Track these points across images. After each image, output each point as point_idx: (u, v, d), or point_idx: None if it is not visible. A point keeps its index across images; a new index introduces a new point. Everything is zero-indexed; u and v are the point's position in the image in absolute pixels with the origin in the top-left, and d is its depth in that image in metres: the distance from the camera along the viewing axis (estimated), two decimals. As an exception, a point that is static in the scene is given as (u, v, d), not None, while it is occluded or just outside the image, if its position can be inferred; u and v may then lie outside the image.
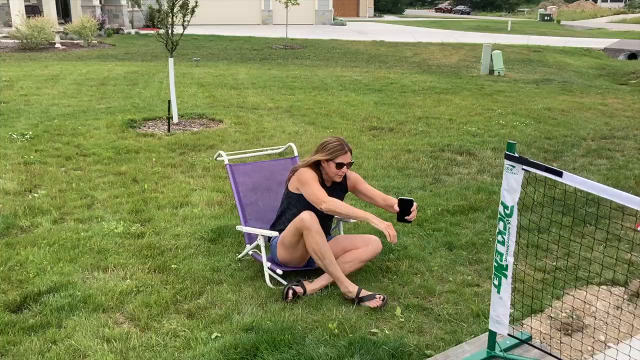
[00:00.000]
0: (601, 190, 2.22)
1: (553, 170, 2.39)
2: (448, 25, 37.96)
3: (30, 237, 4.29)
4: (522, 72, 15.92)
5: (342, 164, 3.64)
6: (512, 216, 2.60)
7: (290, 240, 3.57)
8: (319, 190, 3.55)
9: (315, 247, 3.46)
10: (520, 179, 2.55)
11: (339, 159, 3.63)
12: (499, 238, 2.67)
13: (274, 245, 3.71)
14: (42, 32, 19.03)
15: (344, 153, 3.64)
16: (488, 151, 7.14)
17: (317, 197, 3.52)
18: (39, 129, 7.72)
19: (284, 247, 3.63)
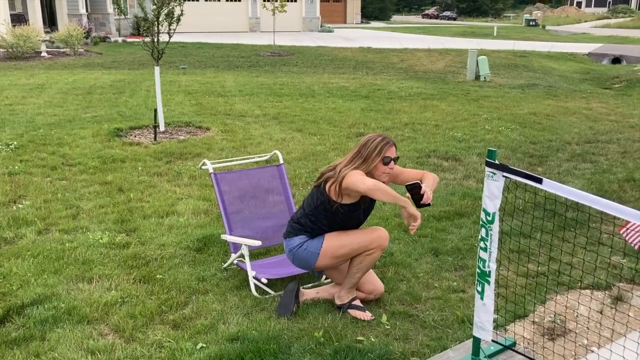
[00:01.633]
0: (580, 196, 2.25)
1: (533, 177, 2.42)
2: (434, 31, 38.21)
3: (14, 249, 4.26)
4: (507, 77, 16.05)
5: (389, 158, 3.26)
6: (493, 223, 2.62)
7: (349, 253, 3.34)
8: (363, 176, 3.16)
9: (369, 265, 3.37)
10: (501, 186, 2.58)
11: (386, 152, 3.24)
12: (482, 245, 2.69)
13: (311, 252, 3.37)
14: (27, 41, 18.91)
15: (390, 146, 3.27)
16: (474, 156, 7.18)
17: (361, 179, 3.12)
18: (24, 139, 7.67)
19: (335, 257, 3.37)
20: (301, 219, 3.43)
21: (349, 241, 3.33)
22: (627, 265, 4.07)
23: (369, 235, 3.34)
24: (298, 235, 3.43)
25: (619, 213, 2.13)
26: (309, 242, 3.39)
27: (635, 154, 7.46)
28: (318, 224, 3.39)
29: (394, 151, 3.30)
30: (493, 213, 2.60)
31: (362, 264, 3.35)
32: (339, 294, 3.45)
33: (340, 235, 3.37)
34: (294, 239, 3.43)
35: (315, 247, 3.37)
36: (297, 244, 3.40)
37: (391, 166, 3.29)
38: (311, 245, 3.37)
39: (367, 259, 3.33)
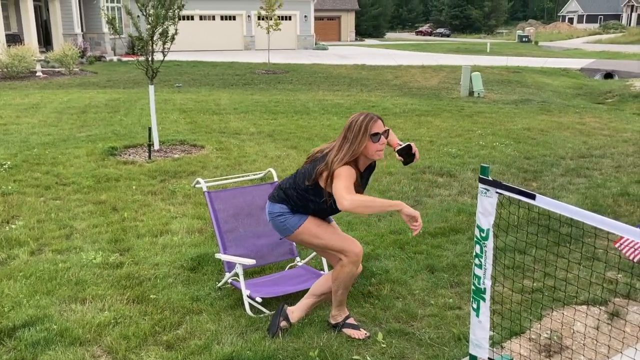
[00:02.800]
0: (574, 212, 2.24)
1: (526, 193, 2.42)
2: (428, 48, 38.51)
3: (7, 270, 4.23)
4: (501, 93, 16.15)
5: (377, 134, 3.10)
6: (488, 239, 2.62)
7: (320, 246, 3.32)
8: (348, 188, 3.02)
9: (347, 281, 3.28)
10: (494, 202, 2.57)
11: (373, 129, 3.10)
12: (476, 261, 2.68)
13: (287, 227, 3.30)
14: (22, 60, 18.97)
15: (375, 121, 3.12)
16: (468, 172, 7.19)
17: (342, 194, 2.97)
18: (18, 159, 7.64)
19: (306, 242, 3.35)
20: (289, 190, 3.31)
21: (326, 237, 3.27)
22: (622, 280, 4.06)
23: (346, 243, 3.26)
24: (280, 203, 3.33)
25: (613, 229, 2.12)
26: (288, 216, 3.30)
27: (629, 168, 7.49)
28: (304, 202, 3.28)
29: (380, 125, 3.14)
30: (487, 229, 2.60)
31: (339, 279, 3.28)
32: (332, 313, 3.42)
33: (320, 226, 3.29)
34: (275, 206, 3.34)
35: (293, 225, 3.29)
36: (277, 212, 3.32)
37: (382, 142, 3.13)
38: (290, 221, 3.29)
39: (342, 274, 3.25)
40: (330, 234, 3.30)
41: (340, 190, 2.99)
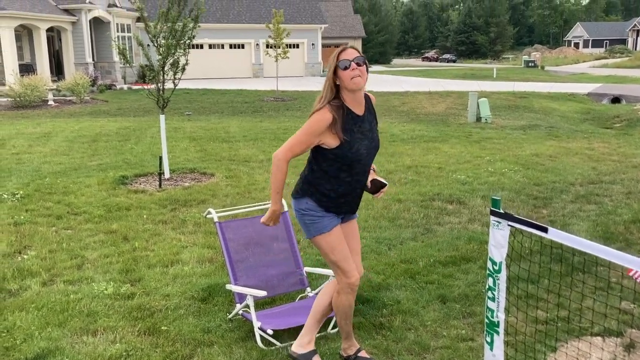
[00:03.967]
0: (587, 246, 2.24)
1: (538, 226, 2.42)
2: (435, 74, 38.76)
3: (19, 301, 4.24)
4: (509, 119, 16.19)
5: (345, 60, 2.95)
6: (500, 272, 2.61)
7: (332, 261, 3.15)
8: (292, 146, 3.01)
9: (346, 311, 3.20)
10: (506, 235, 2.57)
11: (341, 57, 2.97)
12: (489, 294, 2.67)
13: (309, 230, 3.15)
14: (35, 90, 19.26)
15: (344, 50, 3.00)
16: (478, 199, 7.18)
17: (283, 147, 3.01)
18: (30, 188, 7.72)
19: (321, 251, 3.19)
20: (308, 175, 3.16)
21: (339, 256, 3.13)
22: (637, 310, 4.02)
23: (351, 268, 3.15)
24: (304, 197, 3.13)
25: (629, 263, 2.12)
26: (316, 217, 3.11)
27: (639, 194, 7.45)
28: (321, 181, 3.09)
29: (351, 53, 2.99)
30: (500, 262, 2.59)
31: (338, 310, 3.22)
32: (342, 346, 3.40)
33: (341, 242, 3.14)
34: (300, 201, 3.15)
35: (317, 230, 3.13)
36: (304, 208, 3.14)
37: (353, 67, 2.94)
38: (316, 225, 3.12)
39: (339, 303, 3.18)
40: (344, 254, 3.16)
41: (286, 143, 3.01)
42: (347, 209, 3.23)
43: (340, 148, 3.00)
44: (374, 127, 3.18)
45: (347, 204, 3.20)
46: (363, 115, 3.10)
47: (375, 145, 3.16)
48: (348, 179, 3.09)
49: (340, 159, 3.03)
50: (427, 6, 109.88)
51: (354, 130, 3.02)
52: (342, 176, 3.08)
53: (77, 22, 26.67)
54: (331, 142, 3.00)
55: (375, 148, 3.17)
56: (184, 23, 7.92)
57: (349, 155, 3.01)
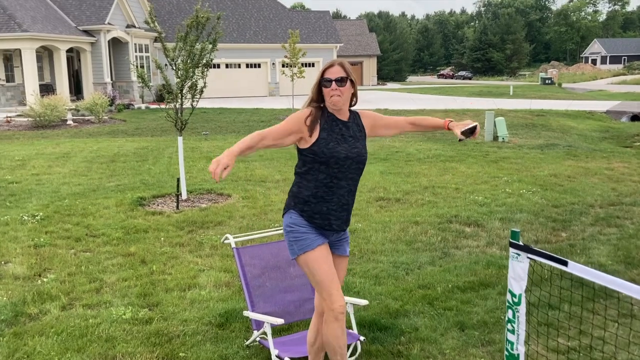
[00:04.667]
0: (608, 281, 2.21)
1: (558, 259, 2.39)
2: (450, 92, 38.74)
3: (38, 326, 4.28)
4: (526, 137, 16.10)
5: (328, 80, 2.98)
6: (520, 304, 2.58)
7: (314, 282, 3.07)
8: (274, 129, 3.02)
9: (332, 342, 3.01)
10: (526, 267, 2.55)
11: (325, 74, 3.01)
12: (509, 327, 2.64)
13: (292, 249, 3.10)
14: (54, 110, 19.58)
15: (330, 67, 3.01)
16: (496, 222, 7.13)
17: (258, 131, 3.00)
18: (49, 210, 7.81)
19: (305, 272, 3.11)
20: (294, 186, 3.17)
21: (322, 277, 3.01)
22: (661, 339, 3.94)
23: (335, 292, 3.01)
24: (289, 210, 3.12)
25: (651, 299, 2.08)
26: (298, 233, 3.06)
27: (661, 216, 7.35)
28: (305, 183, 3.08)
29: (334, 71, 2.99)
30: (519, 295, 2.57)
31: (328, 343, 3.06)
32: None
33: (324, 262, 3.04)
34: (285, 216, 3.16)
35: (300, 249, 3.06)
36: (287, 223, 3.12)
37: (333, 87, 2.97)
38: (298, 243, 3.06)
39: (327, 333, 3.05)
40: (330, 275, 3.03)
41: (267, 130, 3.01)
42: (334, 220, 3.10)
43: (317, 144, 3.02)
44: (358, 137, 3.14)
45: (332, 214, 3.09)
46: (347, 121, 3.12)
47: (357, 153, 3.08)
48: (326, 181, 3.04)
49: (318, 157, 3.02)
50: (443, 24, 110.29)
51: (333, 131, 3.05)
52: (321, 178, 3.05)
53: (96, 43, 27.16)
54: (308, 139, 3.03)
55: (357, 155, 3.08)
56: (202, 46, 8.02)
57: (325, 151, 3.00)
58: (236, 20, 35.66)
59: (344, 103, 3.05)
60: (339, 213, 3.11)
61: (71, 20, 27.28)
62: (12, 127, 19.36)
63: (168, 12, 34.28)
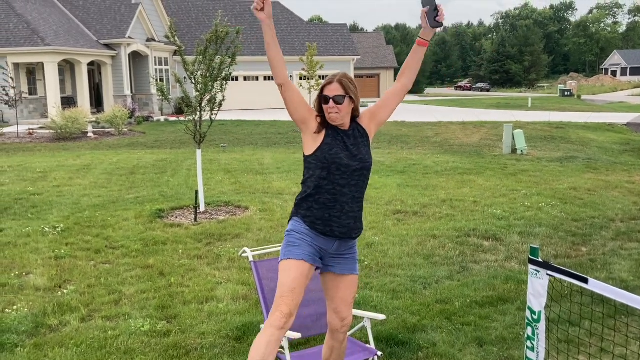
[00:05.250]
0: (630, 299, 2.19)
1: (579, 276, 2.37)
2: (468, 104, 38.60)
3: (58, 337, 4.33)
4: (545, 150, 15.96)
5: (326, 97, 3.02)
6: (539, 321, 2.56)
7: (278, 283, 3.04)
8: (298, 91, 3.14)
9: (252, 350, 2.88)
10: (546, 284, 2.53)
11: (324, 91, 3.05)
12: (528, 344, 2.62)
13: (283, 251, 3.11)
14: (75, 122, 19.89)
15: (329, 84, 3.04)
16: (515, 236, 7.06)
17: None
18: (70, 221, 7.91)
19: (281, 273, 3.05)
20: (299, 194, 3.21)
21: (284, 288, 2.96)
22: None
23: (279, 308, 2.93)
24: (292, 219, 3.17)
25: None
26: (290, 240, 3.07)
27: (684, 231, 7.22)
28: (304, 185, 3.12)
29: (333, 89, 3.01)
30: (539, 312, 2.54)
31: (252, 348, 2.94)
32: None
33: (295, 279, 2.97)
34: (289, 224, 3.17)
35: (283, 254, 3.07)
36: (288, 229, 3.14)
37: (331, 105, 2.99)
38: (284, 249, 3.08)
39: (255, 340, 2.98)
40: (285, 291, 2.96)
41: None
42: (336, 227, 3.06)
43: (321, 149, 3.05)
44: (360, 143, 3.12)
45: (334, 220, 3.05)
46: (348, 130, 3.12)
47: (360, 159, 3.07)
48: (329, 187, 3.04)
49: (320, 163, 3.03)
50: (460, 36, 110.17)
51: (336, 138, 3.07)
52: (323, 184, 3.04)
53: (117, 56, 27.59)
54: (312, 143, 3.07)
55: (360, 162, 3.07)
56: (221, 60, 8.12)
57: (327, 157, 3.02)
58: (254, 34, 36.00)
59: (343, 119, 3.06)
60: (343, 220, 3.08)
61: (92, 34, 27.77)
62: (34, 139, 19.69)
63: (187, 25, 34.73)
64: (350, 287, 3.24)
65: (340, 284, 3.22)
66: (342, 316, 3.25)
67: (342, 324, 3.25)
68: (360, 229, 3.18)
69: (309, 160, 3.10)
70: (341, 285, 3.22)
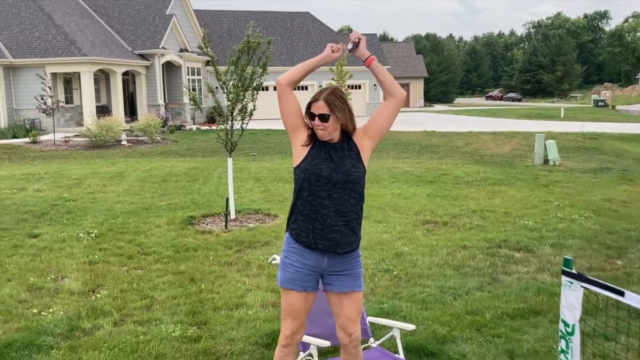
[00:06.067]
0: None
1: (614, 289, 2.33)
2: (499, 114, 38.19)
3: (92, 341, 4.42)
4: (578, 161, 15.69)
5: (312, 114, 3.03)
6: (574, 335, 2.52)
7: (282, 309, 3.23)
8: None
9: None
10: (580, 296, 2.49)
11: (311, 107, 3.06)
12: (562, 357, 2.58)
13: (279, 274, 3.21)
14: (110, 130, 20.32)
15: (314, 101, 3.05)
16: (547, 247, 6.95)
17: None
18: (103, 227, 8.08)
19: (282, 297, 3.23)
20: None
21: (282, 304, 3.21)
22: None
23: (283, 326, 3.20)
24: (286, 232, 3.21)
25: None
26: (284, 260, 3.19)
27: None
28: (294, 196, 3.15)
29: (318, 107, 3.01)
30: (573, 325, 2.51)
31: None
32: None
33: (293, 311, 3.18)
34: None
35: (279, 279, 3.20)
36: (283, 247, 3.22)
37: (316, 122, 3.01)
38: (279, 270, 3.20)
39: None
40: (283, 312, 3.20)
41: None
42: (320, 240, 3.05)
43: (305, 160, 3.07)
44: (347, 156, 3.08)
45: (317, 233, 3.04)
46: (336, 143, 3.10)
47: (343, 172, 3.03)
48: (310, 199, 3.04)
49: (302, 174, 3.06)
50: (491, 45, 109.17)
51: (321, 149, 3.07)
52: (305, 195, 3.06)
53: (151, 66, 28.12)
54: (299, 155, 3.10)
55: (343, 174, 3.03)
56: (253, 70, 8.22)
57: (309, 168, 3.04)
58: (285, 44, 36.29)
59: (331, 134, 3.05)
60: (326, 234, 3.04)
61: (127, 44, 28.38)
62: (70, 146, 20.17)
63: (219, 36, 35.20)
64: (354, 304, 3.20)
65: (342, 302, 3.18)
66: (349, 332, 3.22)
67: (350, 339, 3.24)
68: (349, 245, 3.09)
69: (296, 172, 3.12)
70: (344, 302, 3.18)
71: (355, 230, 3.10)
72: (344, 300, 3.18)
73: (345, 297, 3.18)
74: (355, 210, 3.08)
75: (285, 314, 3.19)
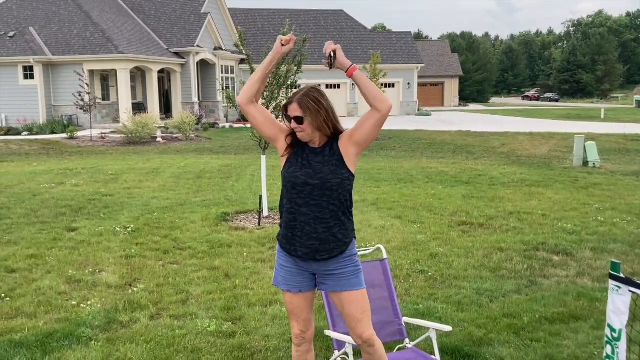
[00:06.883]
0: None
1: (666, 295, 2.25)
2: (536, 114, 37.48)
3: (129, 333, 4.48)
4: (619, 163, 15.28)
5: (288, 117, 2.96)
6: (620, 340, 2.44)
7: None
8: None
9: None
10: (628, 301, 2.41)
11: (287, 110, 2.97)
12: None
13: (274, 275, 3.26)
14: (145, 127, 20.65)
15: (289, 104, 2.96)
16: (587, 251, 6.78)
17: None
18: (140, 222, 8.20)
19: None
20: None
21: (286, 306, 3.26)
22: None
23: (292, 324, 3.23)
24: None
25: None
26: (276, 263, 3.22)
27: None
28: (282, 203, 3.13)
29: (292, 109, 2.92)
30: (619, 330, 2.42)
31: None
32: None
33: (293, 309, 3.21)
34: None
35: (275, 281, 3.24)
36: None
37: (293, 124, 2.92)
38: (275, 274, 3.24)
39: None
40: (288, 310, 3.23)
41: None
42: (299, 247, 3.01)
43: (285, 166, 3.05)
44: (327, 162, 2.99)
45: (297, 240, 3.01)
46: (317, 147, 3.02)
47: (320, 178, 2.94)
48: (288, 206, 3.03)
49: (284, 180, 3.06)
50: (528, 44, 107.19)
51: (300, 155, 3.00)
52: (284, 203, 3.07)
53: (186, 64, 28.48)
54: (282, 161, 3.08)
55: (320, 181, 2.94)
56: (287, 68, 8.23)
57: (286, 175, 3.02)
58: (318, 42, 36.25)
59: (310, 136, 2.98)
60: (305, 241, 3.00)
61: (163, 42, 28.79)
62: (106, 142, 20.57)
63: (253, 34, 35.43)
64: (354, 303, 3.10)
65: (342, 302, 3.11)
66: (357, 333, 3.12)
67: (361, 339, 3.12)
68: (329, 252, 3.01)
69: (282, 178, 3.10)
70: (343, 302, 3.11)
71: (337, 236, 3.01)
72: (342, 301, 3.12)
73: (343, 297, 3.11)
74: (336, 216, 2.99)
75: (289, 314, 3.24)
